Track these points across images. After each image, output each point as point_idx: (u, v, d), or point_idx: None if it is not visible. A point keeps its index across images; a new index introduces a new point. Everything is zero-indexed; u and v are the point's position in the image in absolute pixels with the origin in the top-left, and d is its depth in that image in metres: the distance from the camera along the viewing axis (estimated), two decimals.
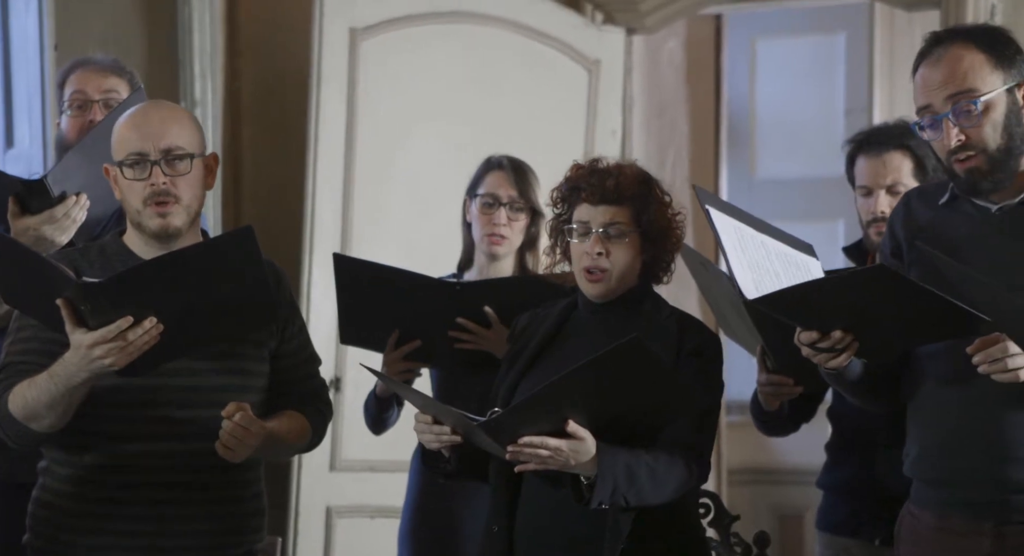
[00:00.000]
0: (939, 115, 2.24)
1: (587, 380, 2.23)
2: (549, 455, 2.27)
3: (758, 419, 2.90)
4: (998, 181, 2.25)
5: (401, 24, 4.45)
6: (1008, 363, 2.12)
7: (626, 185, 2.42)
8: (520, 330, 2.55)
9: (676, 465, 2.34)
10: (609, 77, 4.68)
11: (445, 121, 4.46)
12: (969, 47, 2.24)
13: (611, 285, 2.44)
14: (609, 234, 2.42)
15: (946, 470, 2.29)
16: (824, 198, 5.87)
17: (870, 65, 5.87)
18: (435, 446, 2.41)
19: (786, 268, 2.29)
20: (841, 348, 2.20)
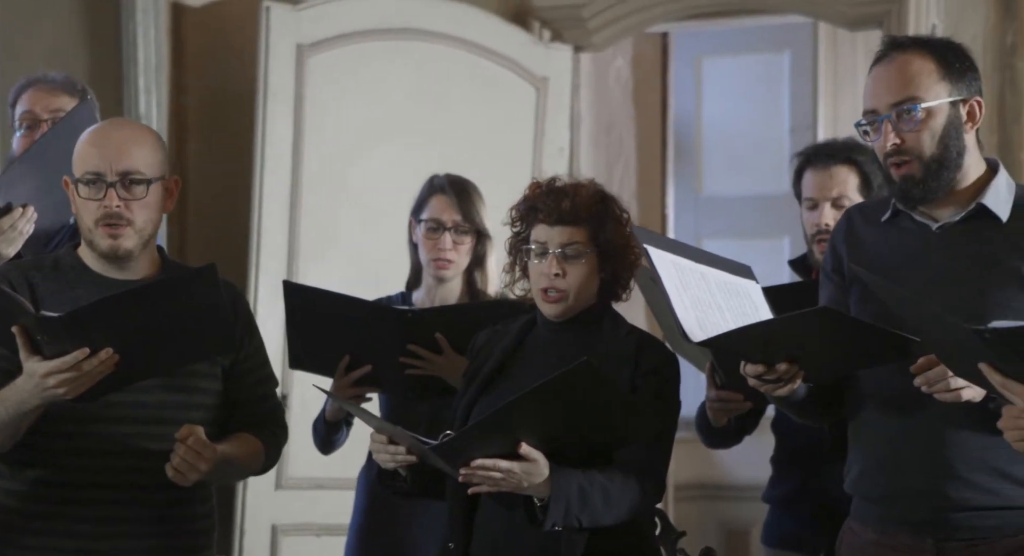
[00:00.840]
0: (880, 117, 2.26)
1: (539, 403, 2.23)
2: (502, 477, 2.27)
3: (703, 433, 2.92)
4: (929, 190, 2.26)
5: (349, 40, 4.44)
6: (950, 383, 2.14)
7: (582, 205, 2.43)
8: (479, 347, 2.55)
9: (630, 486, 2.34)
10: (557, 94, 4.69)
11: (393, 138, 4.45)
12: (923, 55, 2.26)
13: (568, 304, 2.44)
14: (566, 254, 2.42)
15: (887, 487, 2.30)
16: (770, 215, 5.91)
17: (814, 83, 5.93)
18: (391, 466, 2.41)
19: (727, 298, 2.31)
20: (787, 379, 2.22)
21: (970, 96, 2.28)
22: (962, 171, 2.28)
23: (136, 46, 4.16)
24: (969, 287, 2.24)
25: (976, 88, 2.29)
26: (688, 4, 4.73)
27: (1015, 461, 2.23)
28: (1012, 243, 2.25)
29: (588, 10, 4.76)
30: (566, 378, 2.20)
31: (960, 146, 2.27)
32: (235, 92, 4.45)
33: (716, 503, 5.64)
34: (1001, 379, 1.93)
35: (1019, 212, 2.28)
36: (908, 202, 2.30)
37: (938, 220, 2.31)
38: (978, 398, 2.16)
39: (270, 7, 4.33)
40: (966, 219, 2.29)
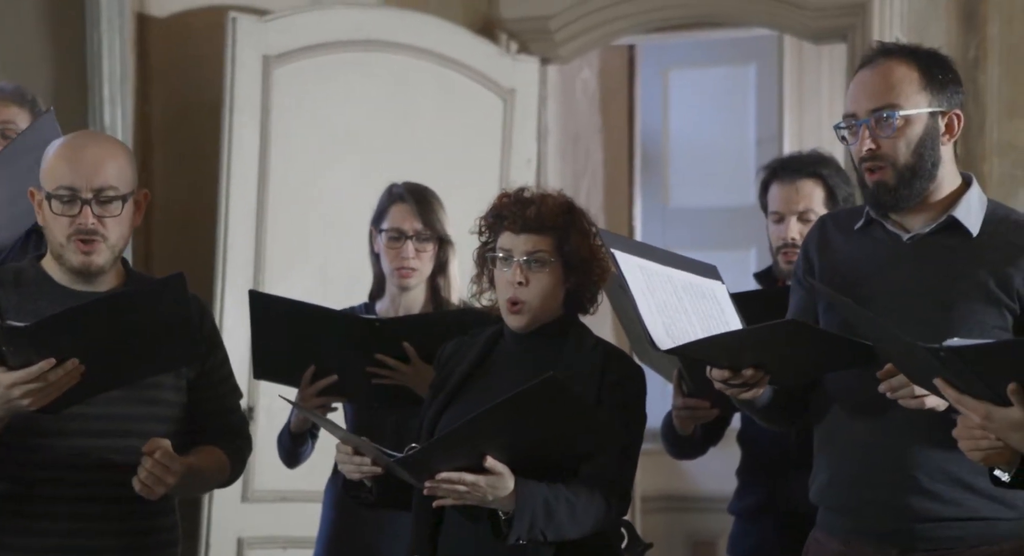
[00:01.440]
0: (859, 121, 2.27)
1: (504, 417, 2.23)
2: (466, 490, 2.27)
3: (669, 443, 2.92)
4: (901, 198, 2.28)
5: (315, 52, 4.44)
6: (914, 390, 2.15)
7: (548, 214, 2.43)
8: (446, 358, 2.55)
9: (595, 499, 2.34)
10: (524, 106, 4.70)
11: (360, 149, 4.45)
12: (907, 63, 2.27)
13: (533, 315, 2.44)
14: (531, 263, 2.42)
15: (852, 498, 2.31)
16: (736, 226, 5.94)
17: (780, 96, 5.97)
18: (356, 476, 2.40)
19: (694, 301, 2.32)
20: (753, 383, 2.23)
21: (950, 108, 2.28)
22: (936, 182, 2.29)
23: (101, 56, 4.14)
24: (936, 299, 2.25)
25: (957, 101, 2.30)
26: (654, 16, 4.75)
27: (978, 472, 2.24)
28: (980, 257, 2.26)
29: (555, 22, 4.78)
30: (531, 392, 2.20)
31: (935, 157, 2.28)
32: (201, 103, 4.43)
33: (683, 515, 5.66)
34: (956, 394, 1.94)
35: (989, 227, 2.29)
36: (879, 209, 2.31)
37: (909, 231, 2.32)
38: (942, 406, 2.17)
39: (236, 18, 4.32)
40: (936, 231, 2.30)
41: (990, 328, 2.23)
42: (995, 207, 2.33)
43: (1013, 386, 1.78)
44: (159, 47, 4.39)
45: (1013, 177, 4.23)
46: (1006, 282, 2.24)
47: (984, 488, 2.23)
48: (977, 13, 4.24)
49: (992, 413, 1.81)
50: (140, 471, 2.33)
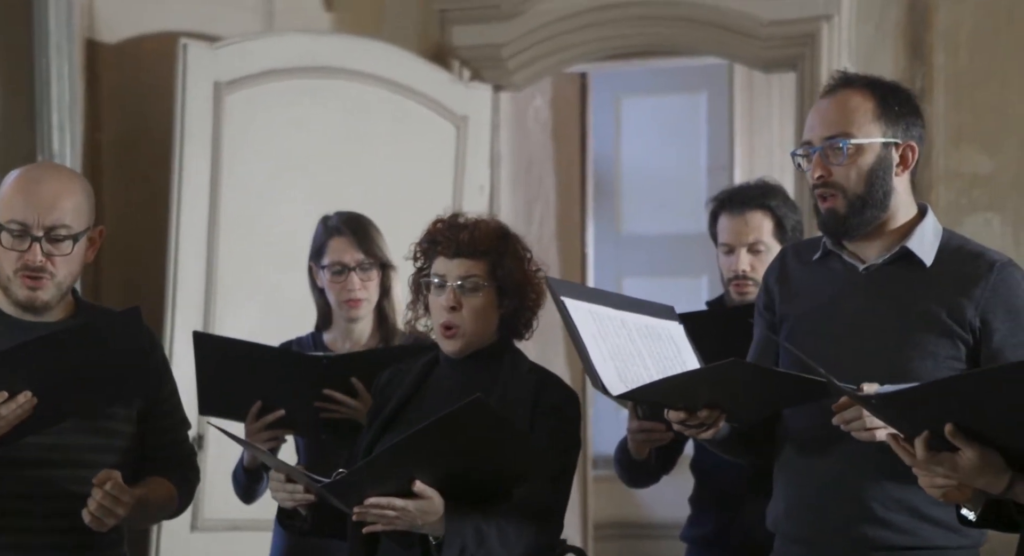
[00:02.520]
0: (813, 149, 2.30)
1: (432, 440, 2.22)
2: (396, 516, 2.26)
3: (624, 468, 2.92)
4: (851, 226, 2.29)
5: (267, 78, 4.42)
6: (866, 422, 2.16)
7: (481, 239, 2.43)
8: (382, 386, 2.55)
9: (527, 526, 2.33)
10: (477, 133, 4.71)
11: (313, 176, 4.43)
12: (864, 93, 2.29)
13: (466, 340, 2.44)
14: (464, 287, 2.42)
15: (808, 527, 2.32)
16: (688, 254, 5.98)
17: (730, 124, 6.02)
18: (289, 504, 2.39)
19: (649, 344, 2.32)
20: (710, 423, 2.24)
21: (905, 140, 2.30)
22: (889, 212, 2.31)
23: (49, 83, 4.10)
24: (890, 331, 2.27)
25: (914, 134, 2.32)
26: (606, 45, 4.78)
27: (932, 502, 2.24)
28: (933, 288, 2.28)
29: (507, 50, 4.80)
30: (457, 415, 2.20)
31: (887, 187, 2.29)
32: (151, 130, 4.41)
33: (636, 542, 5.66)
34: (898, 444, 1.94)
35: (943, 257, 2.31)
36: (831, 236, 2.33)
37: (865, 261, 2.33)
38: None
39: (187, 45, 4.30)
40: (891, 261, 2.31)
41: (943, 359, 2.25)
42: (949, 237, 2.35)
43: (950, 428, 1.79)
44: (109, 73, 4.37)
45: (959, 205, 4.28)
46: (959, 313, 2.26)
47: (938, 517, 2.26)
48: (923, 43, 4.30)
49: (957, 463, 1.82)
50: (90, 502, 2.31)
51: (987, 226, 4.21)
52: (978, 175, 4.25)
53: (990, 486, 1.86)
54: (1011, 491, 1.85)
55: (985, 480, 1.85)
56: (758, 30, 4.48)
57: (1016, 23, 4.20)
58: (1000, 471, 1.83)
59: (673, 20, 4.63)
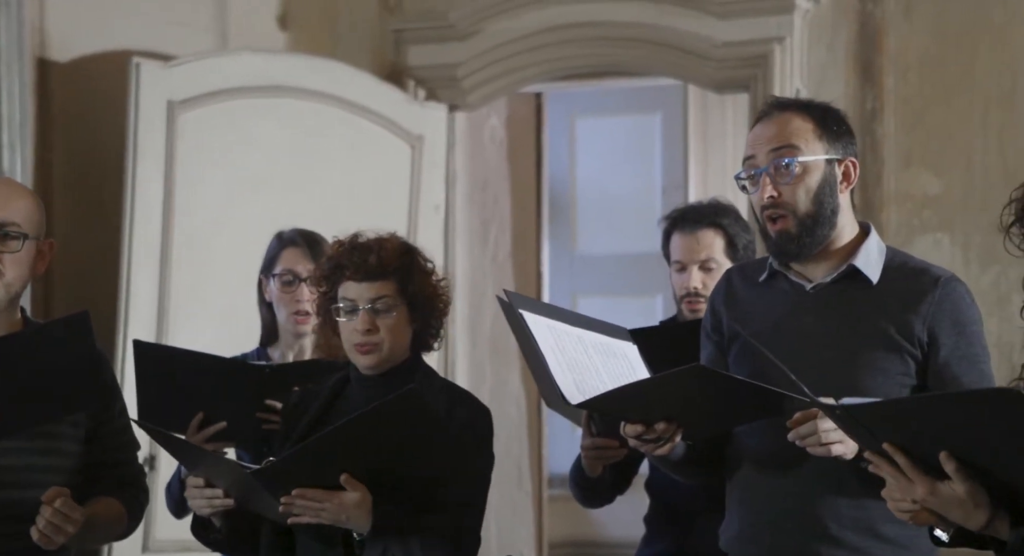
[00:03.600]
0: (759, 169, 2.31)
1: (363, 432, 2.22)
2: (322, 508, 2.25)
3: (578, 487, 2.92)
4: (804, 246, 2.31)
5: (221, 97, 4.41)
6: (821, 437, 2.18)
7: (388, 259, 2.42)
8: (292, 406, 2.53)
9: (447, 535, 2.34)
10: (432, 153, 4.71)
11: (267, 195, 4.42)
12: (803, 115, 2.32)
13: (383, 356, 2.43)
14: (376, 309, 2.42)
15: (761, 546, 2.33)
16: (643, 273, 6.00)
17: (685, 144, 6.06)
18: (206, 511, 2.37)
19: (605, 360, 2.33)
20: (667, 438, 2.25)
21: (845, 157, 2.33)
22: (836, 230, 2.33)
23: (0, 101, 4.07)
24: (840, 348, 2.28)
25: (852, 151, 2.35)
26: (561, 65, 4.80)
27: (885, 520, 2.26)
28: (881, 305, 2.30)
29: (462, 70, 4.81)
30: (392, 405, 2.20)
31: (834, 204, 2.31)
32: (103, 149, 4.38)
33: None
34: (906, 462, 1.86)
35: (889, 274, 2.33)
36: (783, 257, 2.34)
37: (812, 280, 2.35)
38: (849, 454, 2.19)
39: (140, 63, 4.28)
40: (838, 280, 2.33)
41: (894, 375, 2.27)
42: (893, 254, 2.37)
43: (945, 455, 1.75)
44: (60, 92, 4.34)
45: (910, 226, 4.33)
46: (907, 329, 2.28)
47: (890, 535, 2.27)
48: (874, 66, 4.35)
49: (937, 489, 1.77)
50: (39, 520, 2.29)
51: (937, 246, 4.26)
52: (928, 196, 4.30)
53: (968, 520, 1.81)
54: (990, 527, 1.81)
55: (963, 513, 1.80)
56: (711, 51, 4.52)
57: (964, 47, 4.26)
58: (982, 506, 1.79)
59: (627, 41, 4.66)
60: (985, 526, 1.80)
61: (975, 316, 2.32)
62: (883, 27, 4.32)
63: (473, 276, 5.03)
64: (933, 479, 1.79)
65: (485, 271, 5.10)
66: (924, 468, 1.79)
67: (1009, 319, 4.14)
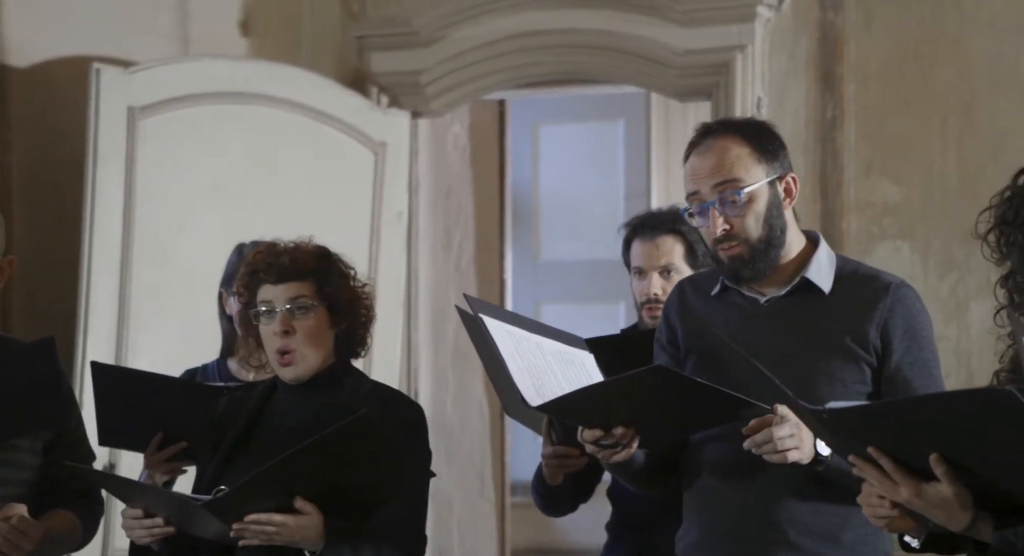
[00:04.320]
0: (706, 203, 2.32)
1: (314, 457, 2.22)
2: (275, 531, 2.25)
3: (540, 496, 2.92)
4: (758, 270, 2.33)
5: (182, 103, 4.39)
6: (777, 445, 2.19)
7: (303, 259, 2.42)
8: (219, 416, 2.52)
9: (397, 543, 2.34)
10: (395, 159, 4.70)
11: (229, 202, 4.40)
12: (736, 139, 2.33)
13: (304, 364, 2.41)
14: (294, 310, 2.40)
15: (721, 554, 2.33)
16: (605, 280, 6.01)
17: (648, 152, 6.08)
18: (146, 541, 2.36)
19: (563, 367, 2.33)
20: (624, 443, 2.25)
21: (784, 173, 2.35)
22: (786, 247, 2.35)
23: None
24: (797, 360, 2.29)
25: (788, 165, 2.37)
26: (524, 73, 4.81)
27: (844, 526, 2.28)
28: (835, 315, 2.32)
29: (425, 77, 4.81)
30: (345, 431, 2.20)
31: (782, 223, 2.34)
32: (63, 155, 4.34)
33: None
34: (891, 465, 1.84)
35: (840, 284, 2.35)
36: (738, 281, 2.36)
37: (765, 294, 2.37)
38: (805, 460, 2.21)
39: (100, 69, 4.25)
40: (791, 292, 2.35)
41: (851, 384, 2.29)
42: (843, 263, 2.39)
43: (936, 457, 1.75)
44: (20, 98, 4.30)
45: (870, 233, 4.36)
46: (862, 336, 2.30)
47: (848, 542, 2.29)
48: (834, 75, 4.38)
49: (923, 490, 1.77)
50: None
51: (897, 253, 4.29)
52: (888, 204, 4.34)
53: (951, 522, 1.80)
54: (972, 529, 1.80)
55: (947, 514, 1.79)
56: (673, 59, 4.54)
57: (923, 56, 4.30)
58: (966, 508, 1.78)
59: (590, 49, 4.67)
60: (967, 528, 1.80)
61: (926, 321, 2.34)
62: (843, 36, 4.36)
63: (436, 283, 5.03)
64: (919, 481, 1.79)
65: (448, 278, 5.10)
66: (908, 470, 1.79)
67: (967, 326, 4.19)
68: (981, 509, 1.79)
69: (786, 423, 2.18)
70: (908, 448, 1.79)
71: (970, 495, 1.78)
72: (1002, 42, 4.19)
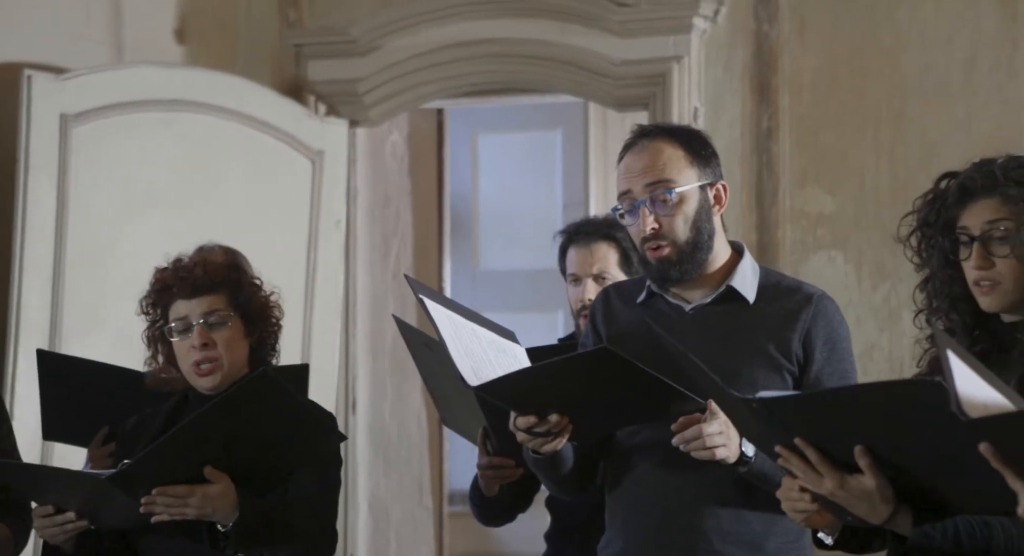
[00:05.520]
0: (637, 202, 2.34)
1: (219, 420, 2.20)
2: (186, 503, 2.23)
3: (477, 506, 2.92)
4: (684, 272, 2.35)
5: (117, 111, 4.34)
6: (705, 441, 2.21)
7: (215, 271, 2.43)
8: (129, 431, 2.50)
9: (310, 527, 2.33)
10: (333, 168, 4.69)
11: (164, 210, 4.36)
12: (671, 142, 2.36)
13: (224, 373, 2.41)
14: (210, 323, 2.40)
15: None
16: (544, 289, 6.02)
17: (586, 161, 6.10)
18: (61, 539, 2.33)
19: (497, 355, 2.34)
20: (556, 432, 2.25)
21: (716, 180, 2.38)
22: (713, 253, 2.38)
23: None
24: (721, 368, 2.28)
25: (719, 173, 2.40)
26: (462, 82, 4.81)
27: (768, 534, 2.31)
28: (758, 324, 2.35)
29: (363, 85, 4.80)
30: (245, 389, 2.19)
31: (711, 228, 2.37)
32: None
33: None
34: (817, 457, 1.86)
35: (764, 294, 2.38)
36: (665, 283, 2.38)
37: (690, 302, 2.39)
38: (732, 459, 2.23)
39: (32, 76, 4.20)
40: (716, 301, 2.38)
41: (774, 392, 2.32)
42: (767, 274, 2.43)
43: (860, 449, 1.76)
44: None
45: (805, 243, 4.40)
46: (785, 346, 2.33)
47: (771, 550, 2.31)
48: (769, 85, 4.42)
49: (847, 482, 1.79)
50: None
51: (831, 263, 4.34)
52: (822, 214, 4.39)
53: (872, 514, 1.82)
54: (892, 521, 1.82)
55: (868, 507, 1.81)
56: (611, 69, 4.57)
57: (855, 68, 4.35)
58: (887, 501, 1.80)
59: (528, 58, 4.69)
60: (887, 520, 1.82)
61: (845, 333, 2.38)
62: (778, 48, 4.40)
63: (374, 292, 5.01)
64: (843, 473, 1.80)
65: (387, 287, 5.09)
66: (833, 462, 1.81)
67: (900, 334, 4.24)
68: (902, 502, 1.81)
69: (715, 420, 2.20)
70: (834, 440, 1.81)
71: (891, 488, 1.80)
72: (932, 54, 4.26)
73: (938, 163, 4.34)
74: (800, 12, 4.37)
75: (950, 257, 1.99)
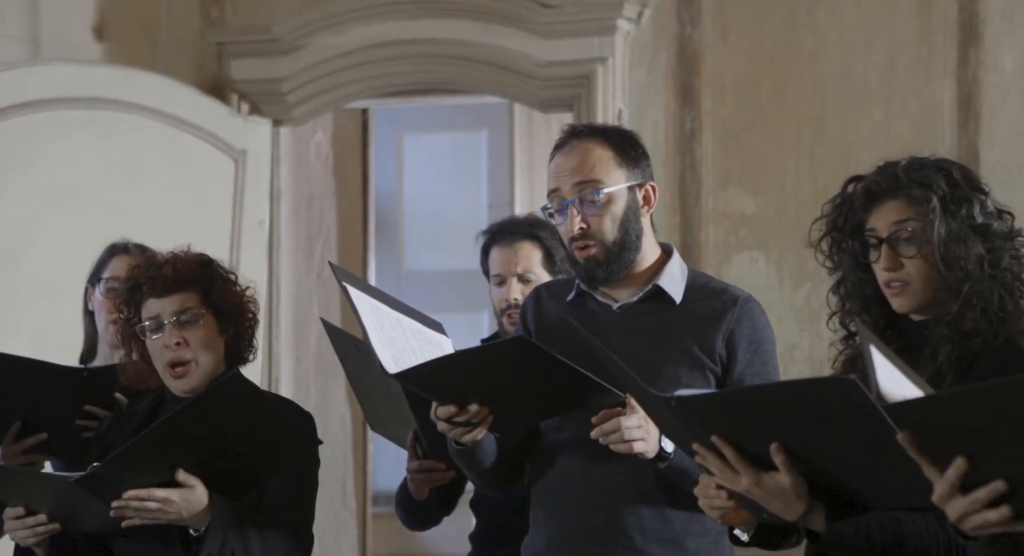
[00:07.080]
0: (566, 201, 2.35)
1: (191, 423, 2.18)
2: (157, 508, 2.20)
3: (406, 510, 2.91)
4: (611, 272, 2.37)
5: (33, 108, 4.28)
6: (624, 434, 2.22)
7: (186, 269, 2.40)
8: (104, 432, 2.48)
9: (284, 529, 2.32)
10: (256, 167, 4.65)
11: (82, 209, 4.30)
12: (600, 143, 2.37)
13: (200, 374, 2.39)
14: (182, 321, 2.38)
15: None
16: (469, 290, 6.02)
17: (511, 162, 6.11)
18: (32, 541, 2.30)
19: (421, 345, 2.34)
20: (477, 422, 2.25)
21: (645, 181, 2.40)
22: (641, 253, 2.39)
23: None
24: (646, 365, 2.32)
25: (649, 174, 2.42)
26: (386, 81, 4.80)
27: (688, 533, 2.33)
28: (684, 324, 2.37)
29: (286, 84, 4.77)
30: (216, 391, 2.18)
31: (639, 229, 2.38)
32: None
33: None
34: (734, 454, 1.86)
35: (691, 294, 2.40)
36: (592, 283, 2.40)
37: (618, 300, 2.41)
38: (650, 454, 2.25)
39: None
40: (643, 300, 2.40)
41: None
42: (695, 275, 2.45)
43: (775, 446, 1.78)
44: None
45: (727, 244, 4.45)
46: (709, 346, 2.36)
47: (692, 548, 2.33)
48: (692, 88, 4.46)
49: (762, 480, 1.81)
50: None
51: (753, 264, 4.39)
52: (744, 215, 4.43)
53: (786, 511, 1.83)
54: (806, 518, 1.84)
55: (783, 503, 1.82)
56: (536, 70, 4.58)
57: (776, 71, 4.40)
58: (802, 498, 1.81)
59: (453, 59, 4.68)
60: (801, 517, 1.84)
61: (770, 336, 2.41)
62: (700, 50, 4.44)
63: (298, 292, 4.98)
64: (758, 470, 1.82)
65: (310, 287, 5.05)
66: (749, 460, 1.83)
67: (820, 335, 4.28)
68: (816, 499, 1.84)
69: (634, 414, 2.22)
70: (750, 438, 1.83)
71: (805, 485, 1.82)
72: (851, 58, 4.32)
73: (857, 165, 4.40)
74: (723, 15, 4.41)
75: (860, 260, 2.02)
